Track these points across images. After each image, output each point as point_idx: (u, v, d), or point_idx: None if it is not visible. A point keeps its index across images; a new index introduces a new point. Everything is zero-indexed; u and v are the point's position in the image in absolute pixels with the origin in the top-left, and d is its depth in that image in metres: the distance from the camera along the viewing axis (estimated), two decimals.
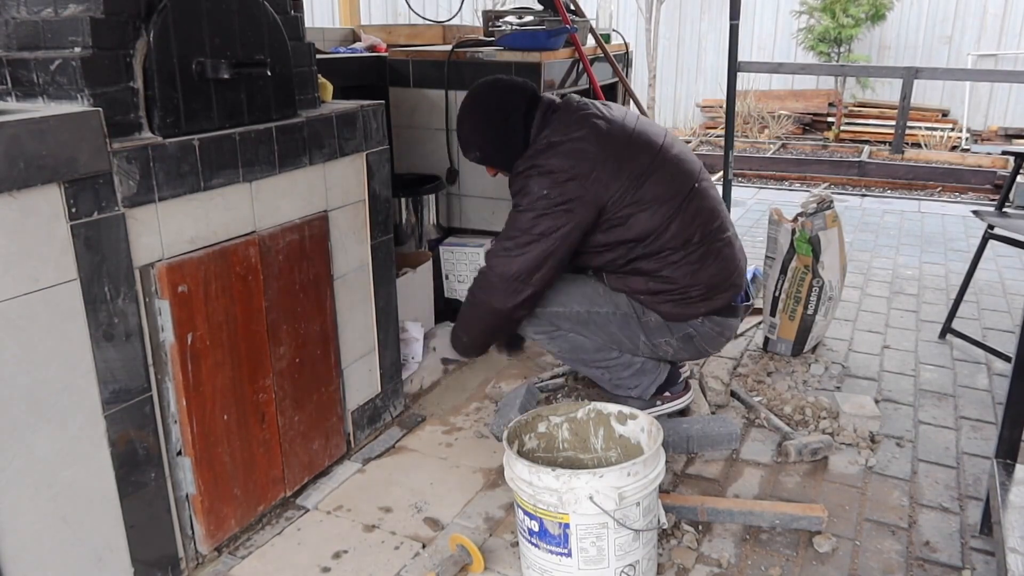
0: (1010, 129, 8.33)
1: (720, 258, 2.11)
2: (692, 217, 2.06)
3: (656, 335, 2.16)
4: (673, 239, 2.04)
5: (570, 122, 2.04)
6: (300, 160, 1.85)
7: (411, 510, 1.96)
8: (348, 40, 3.56)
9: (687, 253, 2.06)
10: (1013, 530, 1.55)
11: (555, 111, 2.09)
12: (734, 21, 3.37)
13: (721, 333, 2.21)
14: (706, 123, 9.40)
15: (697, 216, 2.07)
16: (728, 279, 2.14)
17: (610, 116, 2.08)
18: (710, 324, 2.17)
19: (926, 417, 2.42)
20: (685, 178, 2.09)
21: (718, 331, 2.20)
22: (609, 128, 2.04)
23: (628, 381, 2.25)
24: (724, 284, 2.13)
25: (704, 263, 2.08)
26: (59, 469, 1.39)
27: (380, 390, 2.29)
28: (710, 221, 2.10)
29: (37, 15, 1.46)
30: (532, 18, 3.02)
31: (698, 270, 2.07)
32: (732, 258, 2.16)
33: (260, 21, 1.72)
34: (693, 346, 2.20)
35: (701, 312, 2.13)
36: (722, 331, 2.21)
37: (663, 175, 2.04)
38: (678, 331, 2.16)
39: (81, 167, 1.34)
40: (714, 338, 2.21)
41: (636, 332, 2.16)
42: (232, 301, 1.70)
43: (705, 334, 2.18)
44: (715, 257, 2.10)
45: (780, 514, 1.87)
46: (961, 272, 3.16)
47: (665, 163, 2.06)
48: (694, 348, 2.22)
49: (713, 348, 2.26)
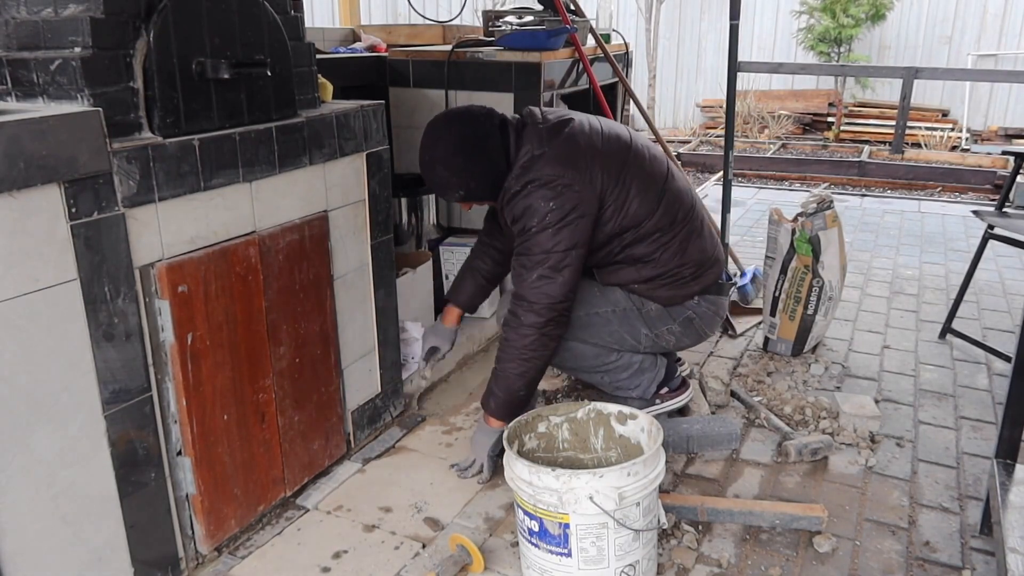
0: (1010, 129, 8.32)
1: (701, 235, 2.17)
2: (673, 198, 2.11)
3: (659, 324, 2.18)
4: (660, 220, 2.07)
5: (542, 132, 2.03)
6: (300, 160, 1.85)
7: (411, 510, 1.96)
8: (348, 40, 3.56)
9: (674, 234, 2.10)
10: (1013, 530, 1.55)
11: (523, 127, 2.06)
12: (734, 21, 3.36)
13: (716, 312, 2.25)
14: (706, 123, 9.39)
15: (677, 198, 2.12)
16: (712, 254, 2.20)
17: (576, 119, 2.10)
18: (706, 304, 2.21)
19: (926, 417, 2.42)
20: (659, 163, 2.14)
21: (714, 310, 2.24)
22: (580, 129, 2.06)
23: (628, 382, 2.26)
24: (710, 260, 2.19)
25: (689, 241, 2.13)
26: (59, 469, 1.39)
27: (380, 390, 2.29)
28: (687, 202, 2.16)
29: (37, 15, 1.46)
30: (532, 18, 3.02)
31: (685, 249, 2.12)
32: (711, 234, 2.23)
33: (260, 21, 1.72)
34: (694, 329, 2.23)
35: (695, 291, 2.17)
36: (717, 310, 2.25)
37: (640, 164, 2.08)
38: (679, 315, 2.19)
39: (81, 167, 1.34)
40: (711, 318, 2.25)
41: (638, 326, 2.17)
42: (232, 301, 1.70)
43: (703, 315, 2.21)
44: (697, 235, 2.15)
45: (780, 514, 1.87)
46: (961, 272, 3.16)
47: (638, 153, 2.10)
48: (695, 332, 2.24)
49: (711, 330, 2.29)
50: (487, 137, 2.02)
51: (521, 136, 2.04)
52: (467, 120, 2.05)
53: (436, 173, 2.06)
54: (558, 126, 2.05)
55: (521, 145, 2.03)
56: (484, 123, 2.04)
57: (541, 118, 2.08)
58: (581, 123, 2.08)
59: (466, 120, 2.05)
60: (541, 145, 2.01)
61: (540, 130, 2.04)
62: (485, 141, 2.02)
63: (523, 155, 2.01)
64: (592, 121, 2.12)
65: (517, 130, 2.05)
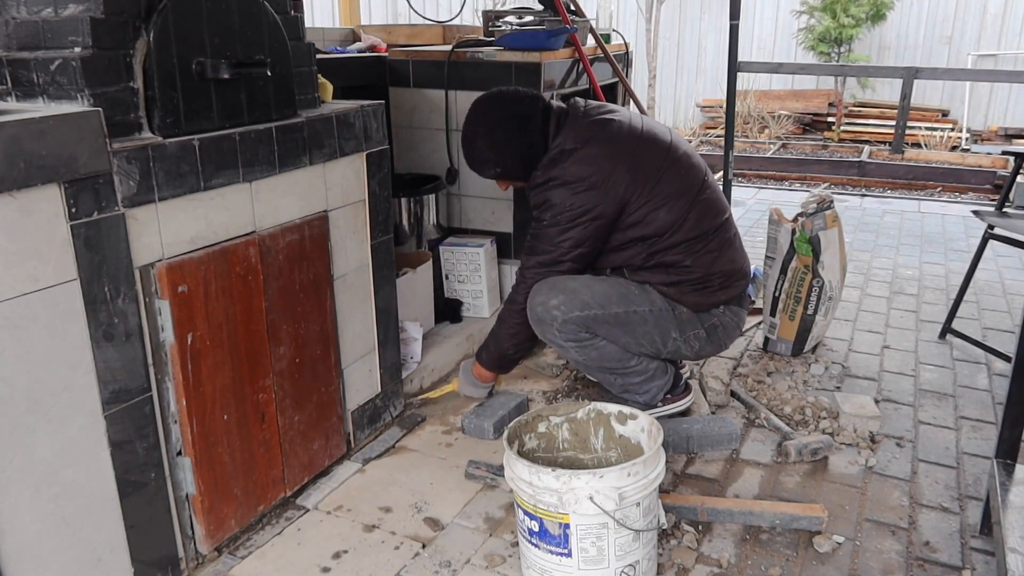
0: (1010, 129, 8.32)
1: (732, 248, 2.18)
2: (706, 209, 2.11)
3: (688, 327, 2.18)
4: (691, 231, 2.08)
5: (581, 128, 2.05)
6: (300, 160, 1.85)
7: (411, 510, 1.96)
8: (348, 40, 3.55)
9: (706, 243, 2.10)
10: (1013, 530, 1.55)
11: (565, 117, 2.08)
12: (734, 21, 3.37)
13: (737, 324, 2.27)
14: (706, 123, 9.39)
15: (710, 208, 2.12)
16: (742, 267, 2.22)
17: (618, 119, 2.09)
18: (730, 314, 2.22)
19: (926, 417, 2.42)
20: (696, 172, 2.13)
21: (736, 321, 2.25)
22: (619, 130, 2.06)
23: (638, 387, 2.26)
24: (739, 272, 2.20)
25: (721, 252, 2.13)
26: (59, 469, 1.39)
27: (380, 390, 2.29)
28: (721, 213, 2.16)
29: (37, 15, 1.46)
30: (532, 18, 3.02)
31: (716, 259, 2.13)
32: (741, 248, 2.24)
33: (260, 21, 1.72)
34: (717, 337, 2.24)
35: (722, 300, 2.18)
36: (738, 322, 2.26)
37: (676, 171, 2.08)
38: (706, 321, 2.20)
39: (81, 167, 1.34)
40: (733, 329, 2.26)
41: (670, 328, 2.16)
42: (232, 301, 1.70)
43: (727, 324, 2.23)
44: (729, 247, 2.16)
45: (780, 514, 1.87)
46: (961, 272, 3.16)
47: (676, 160, 2.10)
48: (717, 340, 2.25)
49: (730, 340, 2.30)
50: (530, 119, 2.06)
51: (561, 125, 2.06)
52: (514, 100, 2.10)
53: (476, 147, 2.12)
54: (598, 124, 2.05)
55: (558, 135, 2.05)
56: (529, 105, 2.08)
57: (583, 111, 2.09)
58: (620, 124, 2.07)
59: (513, 99, 2.10)
60: (574, 141, 2.02)
61: (579, 124, 2.05)
62: (528, 123, 2.06)
63: (554, 147, 2.04)
64: (634, 121, 2.12)
65: (559, 118, 2.08)
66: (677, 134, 2.21)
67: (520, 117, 2.07)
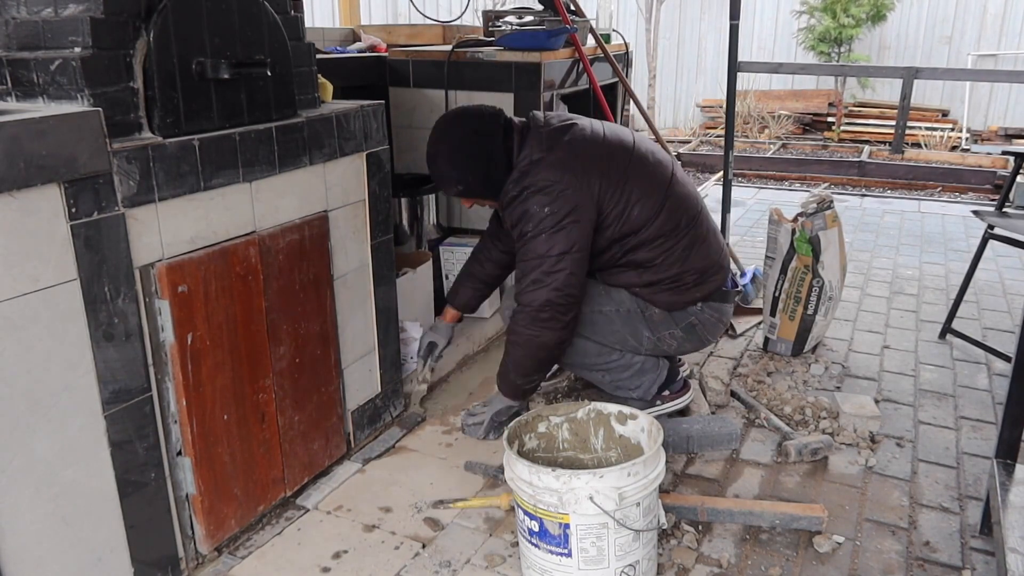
0: (1010, 129, 8.32)
1: (706, 242, 2.16)
2: (676, 204, 2.10)
3: (661, 328, 2.18)
4: (662, 226, 2.07)
5: (543, 137, 2.05)
6: (300, 160, 1.85)
7: (411, 510, 1.96)
8: (348, 40, 3.56)
9: (677, 240, 2.09)
10: (1013, 530, 1.55)
11: (527, 130, 2.08)
12: (734, 21, 3.36)
13: (720, 319, 2.25)
14: (706, 123, 9.39)
15: (680, 204, 2.11)
16: (717, 261, 2.20)
17: (579, 123, 2.10)
18: (709, 310, 2.20)
19: (926, 417, 2.42)
20: (662, 169, 2.13)
21: (716, 317, 2.23)
22: (582, 134, 2.07)
23: (629, 382, 2.26)
24: (714, 267, 2.18)
25: (693, 248, 2.12)
26: (59, 469, 1.39)
27: (380, 390, 2.29)
28: (691, 208, 2.15)
29: (37, 15, 1.46)
30: (532, 18, 3.02)
31: (688, 256, 2.12)
32: (716, 241, 2.22)
33: (260, 21, 1.72)
34: (696, 335, 2.23)
35: (697, 297, 2.17)
36: (720, 317, 2.24)
37: (643, 168, 2.08)
38: (681, 320, 2.19)
39: (81, 167, 1.34)
40: (714, 325, 2.24)
41: (640, 328, 2.17)
42: (232, 301, 1.70)
43: (706, 321, 2.21)
44: (702, 242, 2.15)
45: (780, 514, 1.87)
46: (961, 272, 3.16)
47: (642, 157, 2.10)
48: (696, 338, 2.24)
49: (713, 336, 2.28)
50: (491, 136, 2.06)
51: (524, 140, 2.06)
52: (474, 118, 2.10)
53: (438, 165, 2.12)
54: (559, 131, 2.06)
55: (522, 148, 2.05)
56: (490, 123, 2.08)
57: (543, 122, 2.09)
58: (582, 128, 2.08)
59: (474, 117, 2.10)
60: (540, 150, 2.02)
61: (541, 134, 2.05)
62: (488, 140, 2.06)
63: (522, 159, 2.04)
64: (595, 125, 2.13)
65: (521, 133, 2.07)
66: (640, 135, 2.22)
67: (481, 133, 2.06)
